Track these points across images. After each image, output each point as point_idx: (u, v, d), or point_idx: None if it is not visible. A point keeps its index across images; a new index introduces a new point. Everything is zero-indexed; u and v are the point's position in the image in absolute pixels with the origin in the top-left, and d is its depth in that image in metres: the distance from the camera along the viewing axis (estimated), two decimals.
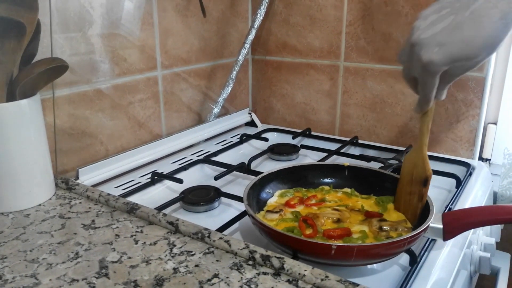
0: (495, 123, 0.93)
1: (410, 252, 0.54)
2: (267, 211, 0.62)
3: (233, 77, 1.02)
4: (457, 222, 0.54)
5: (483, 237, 0.73)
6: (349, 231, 0.56)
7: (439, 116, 0.93)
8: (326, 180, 0.71)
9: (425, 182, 0.58)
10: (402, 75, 0.57)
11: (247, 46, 1.03)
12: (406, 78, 0.57)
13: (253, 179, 0.66)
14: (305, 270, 0.43)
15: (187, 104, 0.99)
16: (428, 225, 0.53)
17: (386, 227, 0.56)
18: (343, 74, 1.03)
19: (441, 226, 0.54)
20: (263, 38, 1.12)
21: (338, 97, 1.06)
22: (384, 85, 0.98)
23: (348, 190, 0.69)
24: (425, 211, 0.56)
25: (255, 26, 1.03)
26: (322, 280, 0.42)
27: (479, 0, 0.48)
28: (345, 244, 0.49)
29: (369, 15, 0.96)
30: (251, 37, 1.03)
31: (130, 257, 0.48)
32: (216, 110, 1.03)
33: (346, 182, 0.70)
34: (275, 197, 0.67)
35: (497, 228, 0.78)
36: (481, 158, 0.95)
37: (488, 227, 0.78)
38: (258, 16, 1.03)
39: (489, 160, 0.96)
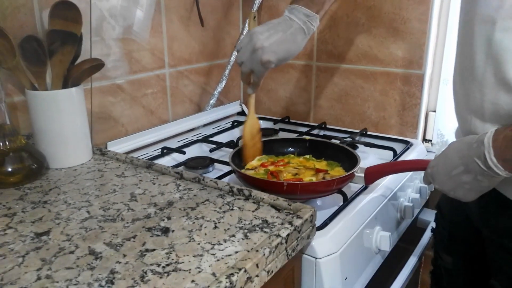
0: (434, 111, 1.17)
1: (342, 193, 0.77)
2: (247, 168, 0.86)
3: (226, 75, 1.26)
4: (375, 172, 0.78)
5: (411, 193, 0.97)
6: (302, 180, 0.79)
7: (390, 106, 1.17)
8: (291, 149, 0.95)
9: (260, 130, 0.92)
10: (241, 70, 0.84)
11: None
12: (244, 73, 0.84)
13: (236, 147, 0.89)
14: (264, 195, 0.67)
15: (189, 96, 1.23)
16: (353, 173, 0.76)
17: (327, 178, 0.79)
18: (315, 72, 1.27)
19: (363, 175, 0.77)
20: None
21: (312, 91, 1.29)
22: (348, 81, 1.22)
23: (307, 156, 0.92)
24: (353, 165, 0.79)
25: (245, 33, 1.26)
26: (274, 200, 0.66)
27: (293, 26, 0.79)
28: (292, 182, 0.73)
29: (335, 25, 1.20)
30: None
31: (150, 191, 0.72)
32: (212, 101, 1.26)
33: (306, 150, 0.94)
34: (254, 161, 0.91)
35: (425, 188, 1.01)
36: (424, 139, 1.19)
37: (417, 187, 1.01)
38: (246, 25, 1.26)
39: (431, 140, 1.19)
